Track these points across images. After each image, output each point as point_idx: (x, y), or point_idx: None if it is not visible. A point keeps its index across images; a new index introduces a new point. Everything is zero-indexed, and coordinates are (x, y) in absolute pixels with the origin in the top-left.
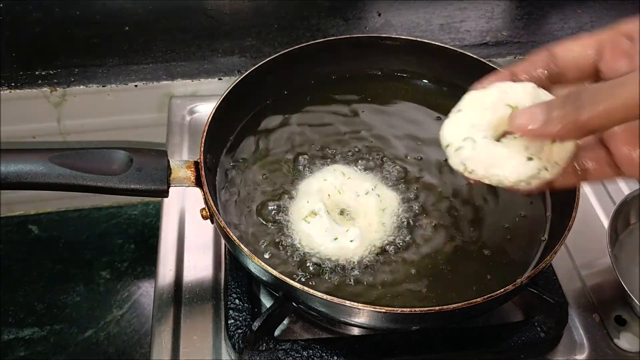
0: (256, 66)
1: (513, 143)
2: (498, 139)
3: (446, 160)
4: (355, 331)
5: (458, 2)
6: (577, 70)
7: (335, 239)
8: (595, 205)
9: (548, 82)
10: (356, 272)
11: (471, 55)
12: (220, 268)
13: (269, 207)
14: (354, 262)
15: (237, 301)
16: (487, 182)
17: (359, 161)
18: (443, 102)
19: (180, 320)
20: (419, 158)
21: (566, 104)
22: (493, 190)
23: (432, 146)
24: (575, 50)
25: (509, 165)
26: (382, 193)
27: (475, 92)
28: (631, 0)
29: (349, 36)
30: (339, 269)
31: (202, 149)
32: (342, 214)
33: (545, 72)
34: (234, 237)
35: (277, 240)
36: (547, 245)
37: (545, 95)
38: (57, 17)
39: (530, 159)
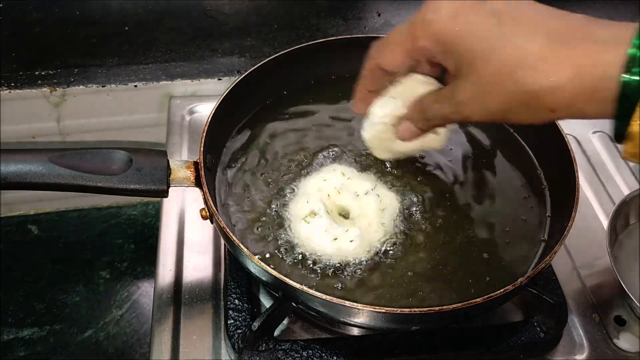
0: (256, 66)
1: None
2: None
3: (450, 161)
4: (355, 331)
5: None
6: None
7: (335, 239)
8: (595, 205)
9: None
10: (356, 272)
11: None
12: (220, 268)
13: (269, 208)
14: (353, 262)
15: (236, 301)
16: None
17: (359, 161)
18: None
19: (179, 320)
20: (420, 157)
21: (421, 120)
22: (494, 191)
23: None
24: (395, 62)
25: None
26: (382, 193)
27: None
28: (629, 1)
29: (348, 36)
30: (338, 269)
31: (202, 149)
32: (341, 214)
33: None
34: (234, 237)
35: (276, 240)
36: (546, 246)
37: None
38: (57, 17)
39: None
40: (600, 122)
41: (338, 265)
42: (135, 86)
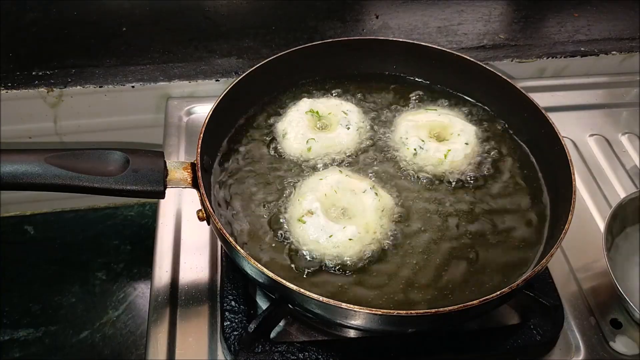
0: (254, 68)
1: None
2: None
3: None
4: (352, 333)
5: (455, 5)
6: None
7: (331, 236)
8: (592, 208)
9: None
10: (352, 272)
11: (468, 58)
12: (217, 270)
13: (265, 208)
14: (350, 262)
15: (233, 303)
16: None
17: (356, 161)
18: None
19: (176, 321)
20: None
21: None
22: (494, 194)
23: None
24: None
25: None
26: (379, 193)
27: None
28: (629, 2)
29: (346, 38)
30: (335, 269)
31: (199, 150)
32: (338, 213)
33: None
34: (230, 238)
35: (273, 240)
36: (545, 248)
37: None
38: (54, 18)
39: None
40: (597, 126)
41: (335, 265)
42: (133, 87)
